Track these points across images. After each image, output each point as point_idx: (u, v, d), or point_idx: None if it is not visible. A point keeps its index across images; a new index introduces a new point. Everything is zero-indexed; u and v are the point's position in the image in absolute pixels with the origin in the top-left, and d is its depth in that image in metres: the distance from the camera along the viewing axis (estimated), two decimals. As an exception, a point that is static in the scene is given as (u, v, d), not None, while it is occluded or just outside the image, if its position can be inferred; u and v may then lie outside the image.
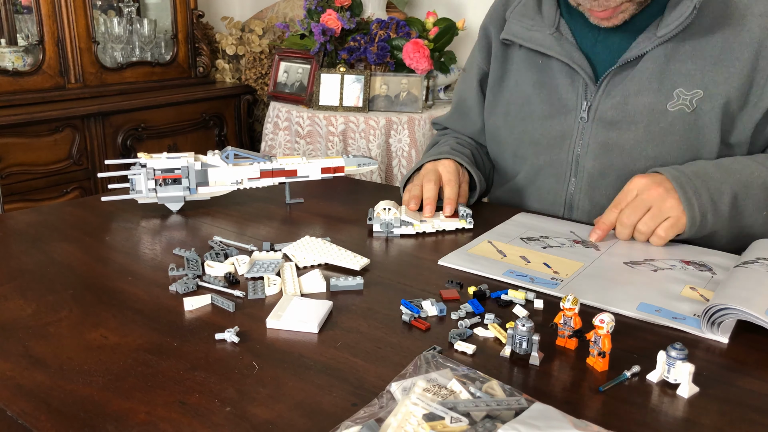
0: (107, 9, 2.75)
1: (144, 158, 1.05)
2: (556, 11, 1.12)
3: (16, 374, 0.61)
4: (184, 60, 2.86)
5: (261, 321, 0.71)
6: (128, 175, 1.06)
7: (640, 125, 1.03)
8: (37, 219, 1.05)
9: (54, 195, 2.32)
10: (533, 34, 1.12)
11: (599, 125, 1.07)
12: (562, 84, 1.11)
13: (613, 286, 0.80)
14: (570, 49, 1.08)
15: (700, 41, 1.00)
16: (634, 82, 1.03)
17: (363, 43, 2.47)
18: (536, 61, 1.14)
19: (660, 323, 0.71)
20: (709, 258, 0.89)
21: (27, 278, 0.82)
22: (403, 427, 0.48)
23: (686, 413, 0.56)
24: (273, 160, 1.09)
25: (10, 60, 2.35)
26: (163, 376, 0.60)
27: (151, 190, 1.05)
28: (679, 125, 1.01)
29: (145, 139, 2.59)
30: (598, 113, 1.07)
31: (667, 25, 0.99)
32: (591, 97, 1.07)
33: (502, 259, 0.88)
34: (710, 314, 0.68)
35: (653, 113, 1.02)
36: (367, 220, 1.02)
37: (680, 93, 1.01)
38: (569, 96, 1.10)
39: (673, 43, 1.01)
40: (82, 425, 0.53)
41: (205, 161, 1.08)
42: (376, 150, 2.32)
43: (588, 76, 1.07)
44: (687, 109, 1.01)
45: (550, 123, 1.12)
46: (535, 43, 1.11)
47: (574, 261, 0.87)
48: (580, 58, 1.07)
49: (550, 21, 1.11)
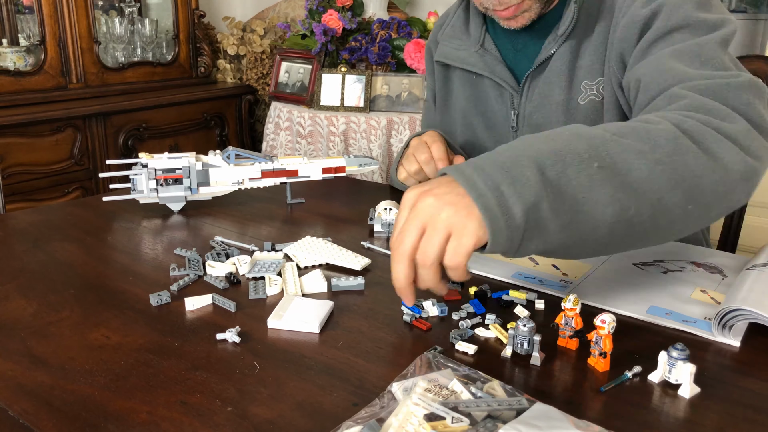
0: (109, 9, 2.75)
1: (145, 158, 1.05)
2: (481, 28, 1.13)
3: (18, 374, 0.61)
4: (186, 60, 2.87)
5: (262, 321, 0.71)
6: (129, 176, 1.06)
7: (559, 124, 1.04)
8: (39, 219, 1.06)
9: (55, 195, 2.33)
10: (460, 53, 1.15)
11: (527, 131, 1.08)
12: (492, 97, 1.14)
13: (623, 288, 0.80)
14: (493, 63, 1.10)
15: (591, 32, 1.01)
16: (547, 84, 1.05)
17: (364, 43, 2.47)
18: (470, 78, 1.17)
19: (671, 326, 0.70)
20: (720, 260, 0.89)
21: (29, 278, 0.82)
22: (404, 427, 0.48)
23: (687, 414, 0.56)
24: (274, 160, 1.09)
25: (11, 60, 2.35)
26: (165, 375, 0.60)
27: (152, 190, 1.06)
28: (592, 117, 1.03)
29: (146, 139, 2.59)
30: (525, 119, 1.09)
31: (563, 23, 1.01)
32: (517, 104, 1.10)
33: (510, 260, 0.88)
34: (722, 317, 0.67)
35: (568, 110, 1.04)
36: (368, 221, 1.02)
37: (586, 85, 1.02)
38: (500, 108, 1.13)
39: (574, 40, 1.02)
40: (83, 425, 0.53)
41: (207, 161, 1.08)
42: (378, 150, 2.32)
43: (511, 86, 1.09)
44: (596, 98, 1.02)
45: (490, 135, 1.16)
46: (463, 62, 1.14)
47: (582, 263, 0.87)
48: (503, 70, 1.10)
49: (476, 38, 1.13)
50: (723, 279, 0.82)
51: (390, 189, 1.26)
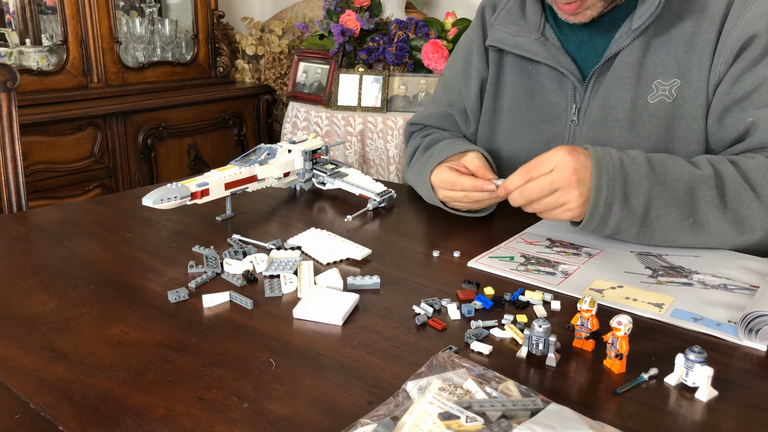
0: (129, 9, 2.78)
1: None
2: (540, 16, 1.11)
3: (39, 368, 0.62)
4: (205, 60, 2.89)
5: (278, 318, 0.71)
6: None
7: (624, 121, 1.03)
8: (60, 216, 1.07)
9: (76, 193, 2.36)
10: (519, 39, 1.11)
11: (588, 126, 1.06)
12: (550, 89, 1.10)
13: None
14: (556, 53, 1.08)
15: (671, 30, 0.99)
16: (614, 79, 1.03)
17: (382, 43, 2.47)
18: (526, 67, 1.13)
19: (696, 330, 0.69)
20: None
21: (50, 274, 0.83)
22: (418, 426, 0.49)
23: (705, 417, 0.55)
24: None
25: (34, 60, 2.39)
26: (182, 371, 0.61)
27: None
28: (661, 117, 1.00)
29: (165, 138, 2.62)
30: (587, 115, 1.06)
31: (640, 17, 0.99)
32: (579, 99, 1.07)
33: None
34: (748, 321, 0.66)
35: (635, 108, 1.02)
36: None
37: (658, 84, 1.00)
38: (558, 101, 1.10)
39: (647, 36, 1.00)
40: (102, 418, 0.54)
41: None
42: (394, 150, 2.33)
43: (576, 78, 1.06)
44: (667, 99, 1.00)
45: (542, 128, 1.12)
46: (522, 48, 1.10)
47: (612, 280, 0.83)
48: (567, 61, 1.07)
49: (535, 26, 1.10)
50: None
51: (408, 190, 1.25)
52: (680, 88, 0.99)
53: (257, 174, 1.06)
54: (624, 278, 0.82)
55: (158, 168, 2.61)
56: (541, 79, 1.11)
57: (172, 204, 0.92)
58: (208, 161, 2.78)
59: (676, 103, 0.99)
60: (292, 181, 1.17)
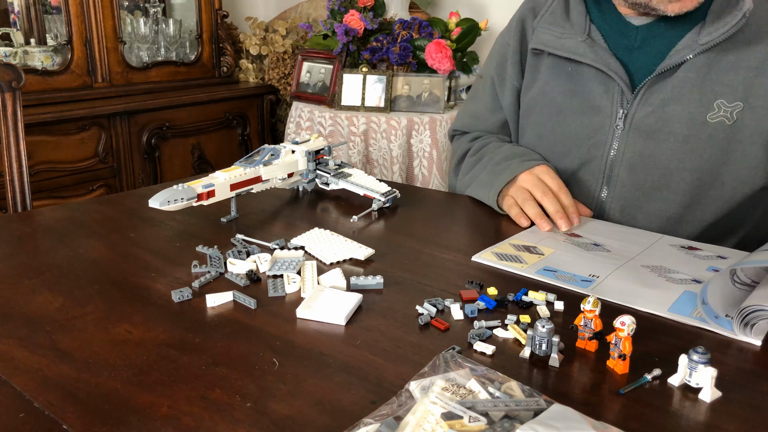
0: (134, 9, 2.79)
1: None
2: (585, 17, 1.09)
3: (43, 366, 0.62)
4: (209, 60, 2.89)
5: (281, 318, 0.72)
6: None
7: (679, 136, 1.00)
8: (65, 215, 1.08)
9: (80, 192, 2.36)
10: (564, 41, 1.09)
11: (635, 134, 1.04)
12: (595, 91, 1.08)
13: (645, 286, 0.79)
14: (604, 55, 1.05)
15: (743, 51, 0.96)
16: (673, 91, 1.00)
17: (385, 43, 2.47)
18: (565, 68, 1.11)
19: (692, 324, 0.70)
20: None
21: (54, 273, 0.84)
22: (421, 426, 0.49)
23: (708, 418, 0.55)
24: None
25: (39, 59, 2.39)
26: (186, 371, 0.61)
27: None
28: (718, 138, 0.98)
29: (169, 138, 2.62)
30: (634, 122, 1.03)
31: (710, 33, 0.96)
32: (627, 105, 1.04)
33: (539, 258, 0.88)
34: (744, 315, 0.66)
35: (692, 124, 0.99)
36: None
37: (721, 104, 0.97)
38: (604, 104, 1.07)
39: (715, 52, 0.97)
40: (106, 417, 0.54)
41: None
42: (398, 150, 2.33)
43: (624, 83, 1.03)
44: (727, 121, 0.97)
45: (585, 132, 1.09)
46: (568, 51, 1.08)
47: (610, 263, 0.85)
48: (616, 64, 1.04)
49: (581, 27, 1.08)
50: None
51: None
52: (742, 112, 0.97)
53: (262, 175, 1.07)
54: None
55: (162, 168, 2.61)
56: (585, 81, 1.09)
57: (179, 206, 0.93)
58: (212, 161, 2.78)
59: (734, 126, 0.97)
60: (295, 181, 1.17)
